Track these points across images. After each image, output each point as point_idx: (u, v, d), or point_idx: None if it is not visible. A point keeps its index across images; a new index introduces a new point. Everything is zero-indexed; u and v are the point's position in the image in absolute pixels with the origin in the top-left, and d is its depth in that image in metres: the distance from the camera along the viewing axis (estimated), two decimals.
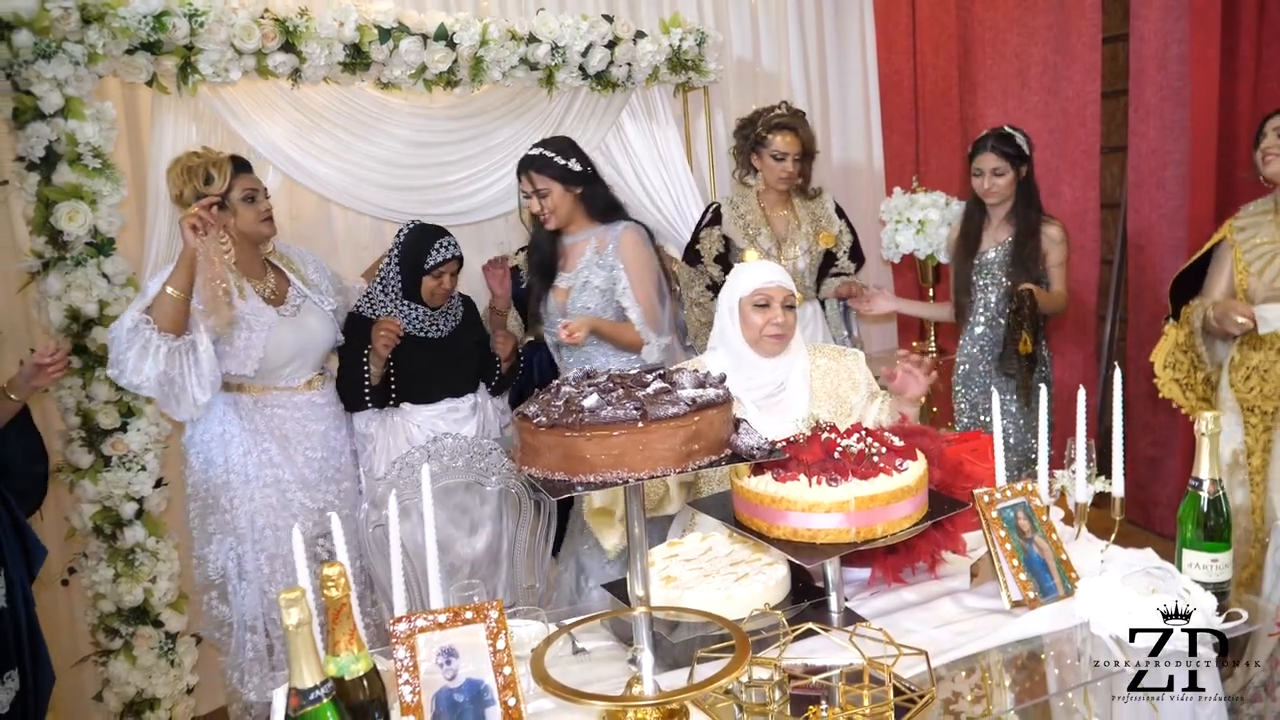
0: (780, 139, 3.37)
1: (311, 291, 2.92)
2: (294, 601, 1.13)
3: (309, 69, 2.94)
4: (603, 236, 3.02)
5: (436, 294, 2.95)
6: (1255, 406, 2.86)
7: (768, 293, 2.23)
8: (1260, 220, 2.87)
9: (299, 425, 2.85)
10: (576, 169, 2.98)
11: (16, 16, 2.50)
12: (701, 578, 1.73)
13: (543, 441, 1.37)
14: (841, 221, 3.56)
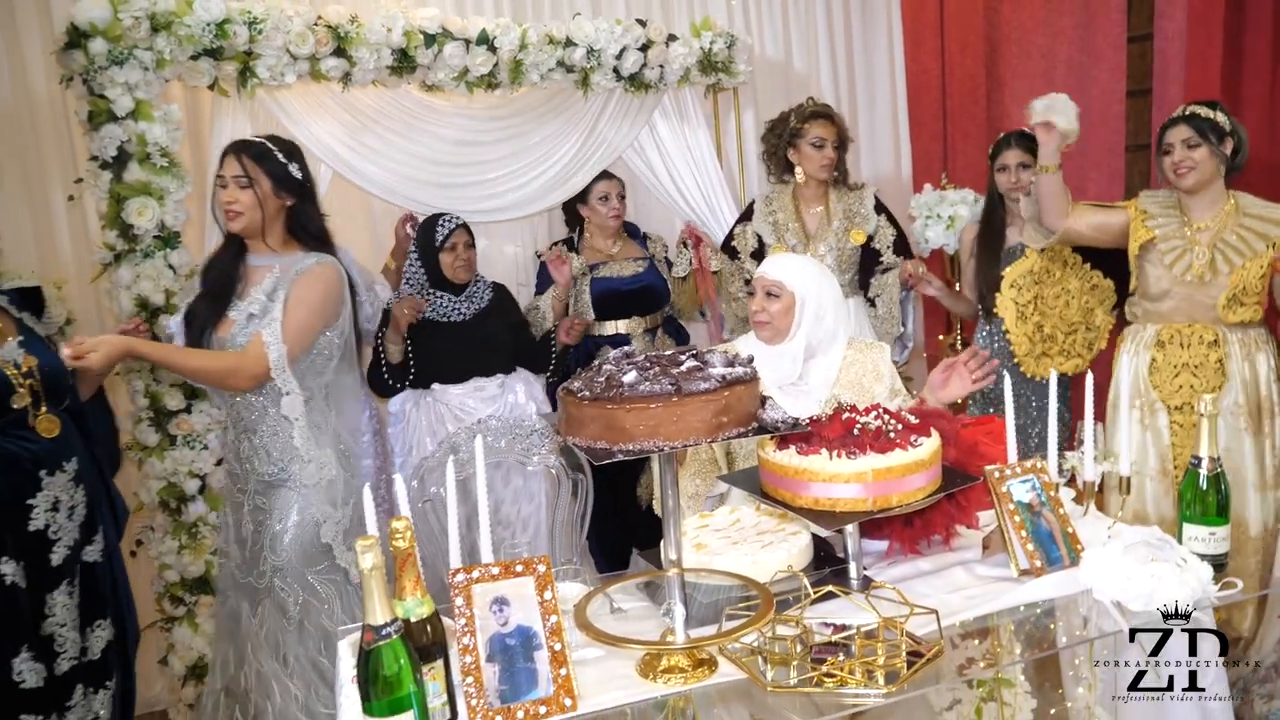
0: (817, 126, 3.47)
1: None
2: (369, 548, 1.28)
3: (359, 72, 3.11)
4: (289, 266, 2.44)
5: (456, 268, 3.16)
6: (1186, 404, 2.97)
7: (759, 281, 2.41)
8: (1170, 217, 3.00)
9: None
10: (297, 175, 2.50)
11: (92, 26, 2.68)
12: (730, 545, 1.86)
13: (586, 413, 1.51)
14: (881, 216, 3.61)
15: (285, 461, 2.47)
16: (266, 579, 2.50)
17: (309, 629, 2.50)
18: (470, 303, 3.20)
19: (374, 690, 1.30)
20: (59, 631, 2.49)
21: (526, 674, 1.46)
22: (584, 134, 3.63)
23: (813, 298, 2.40)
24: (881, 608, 1.60)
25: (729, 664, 1.57)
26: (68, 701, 2.54)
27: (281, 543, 2.48)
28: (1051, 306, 3.35)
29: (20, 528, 2.42)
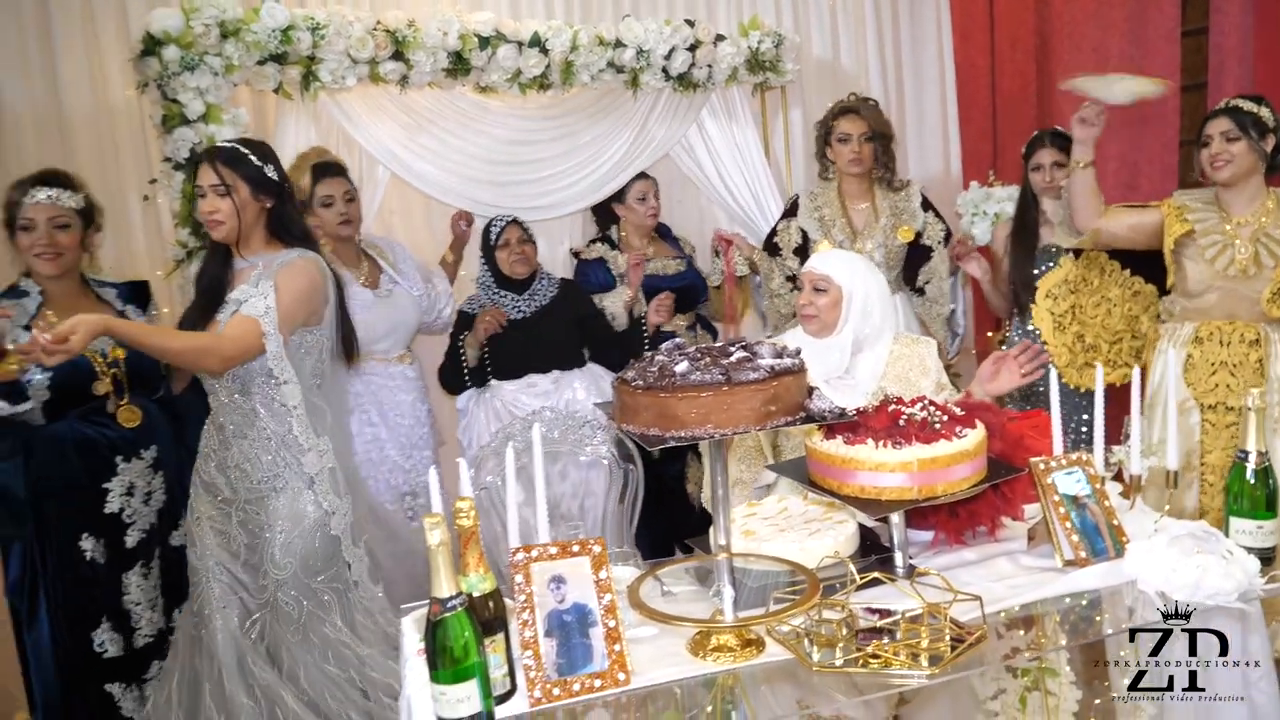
0: (845, 122, 3.50)
1: (400, 279, 3.26)
2: (436, 524, 1.36)
3: (416, 75, 3.21)
4: (271, 262, 2.41)
5: (513, 263, 3.25)
6: (1220, 403, 2.94)
7: (808, 275, 2.45)
8: (1209, 212, 2.96)
9: (391, 394, 3.21)
10: (273, 176, 2.45)
11: (166, 34, 2.81)
12: (778, 532, 1.91)
13: (640, 402, 1.57)
14: (929, 214, 3.62)
15: (279, 466, 2.40)
16: (268, 591, 2.42)
17: (313, 639, 2.44)
18: (532, 301, 3.29)
19: (441, 659, 1.38)
20: (135, 610, 2.64)
21: (582, 649, 1.53)
22: (633, 133, 3.70)
23: (860, 293, 2.43)
24: (926, 594, 1.64)
25: (776, 645, 1.62)
26: (144, 674, 2.68)
27: (284, 552, 2.41)
28: (1092, 316, 3.33)
29: (97, 508, 2.57)
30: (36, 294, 2.56)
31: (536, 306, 3.32)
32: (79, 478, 2.56)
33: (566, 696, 1.50)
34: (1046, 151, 3.36)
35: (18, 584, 2.55)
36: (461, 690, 1.39)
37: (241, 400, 2.38)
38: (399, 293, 3.23)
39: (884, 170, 3.60)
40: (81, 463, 2.56)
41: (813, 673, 1.55)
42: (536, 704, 1.49)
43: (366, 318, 3.05)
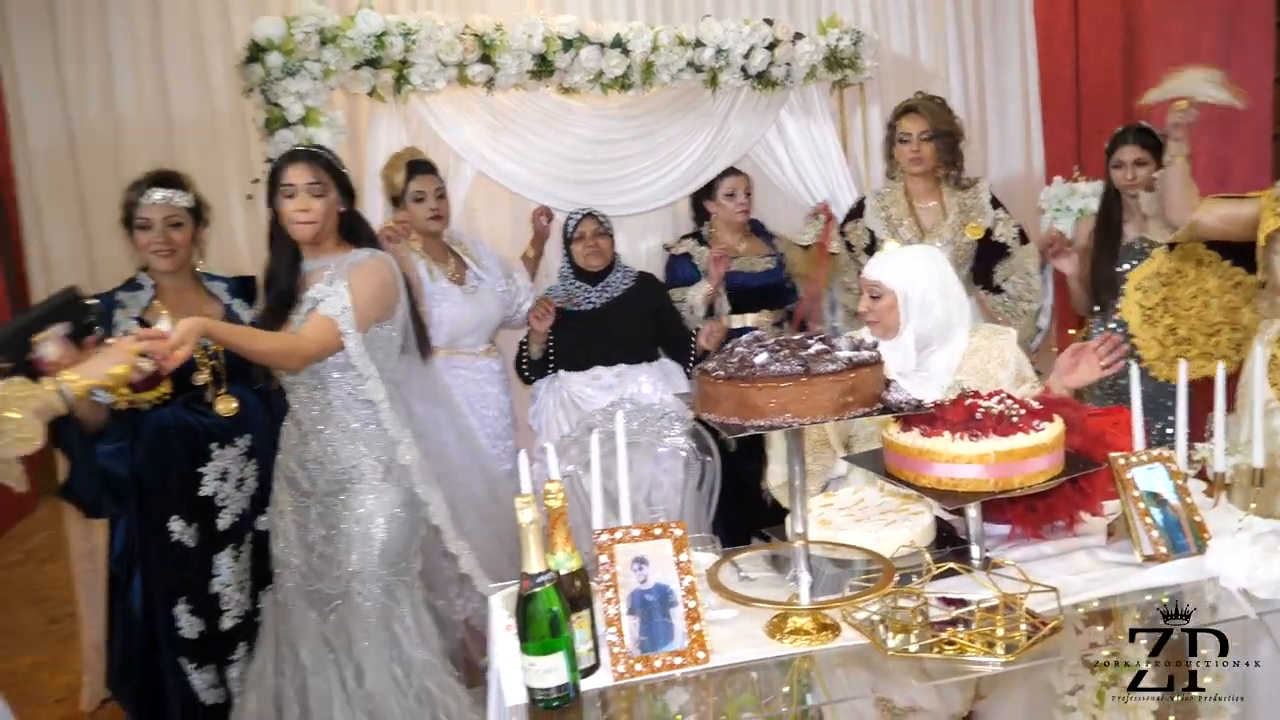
0: (905, 121, 3.51)
1: (484, 274, 3.37)
2: (527, 503, 1.45)
3: (502, 77, 3.32)
4: (343, 263, 2.47)
5: (587, 256, 3.35)
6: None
7: (862, 282, 2.47)
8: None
9: (478, 387, 3.33)
10: (349, 180, 2.56)
11: (269, 41, 2.97)
12: (854, 523, 1.95)
13: (720, 392, 1.63)
14: (998, 211, 3.61)
15: (358, 459, 2.48)
16: (342, 584, 2.49)
17: (384, 634, 2.51)
18: (604, 293, 3.38)
19: (530, 632, 1.47)
20: (224, 591, 2.78)
21: (664, 628, 1.60)
22: (712, 131, 3.76)
23: (916, 291, 2.40)
24: (1002, 585, 1.67)
25: (851, 630, 1.67)
26: (231, 655, 2.82)
27: (361, 544, 2.48)
28: (1186, 308, 3.27)
29: (192, 492, 2.73)
30: (150, 288, 2.72)
31: (608, 298, 3.40)
32: (178, 462, 2.71)
33: (648, 672, 1.57)
34: (1129, 149, 3.31)
35: (121, 554, 2.72)
36: (549, 661, 1.47)
37: (319, 395, 2.48)
38: (484, 288, 3.35)
39: (950, 168, 3.57)
40: (181, 448, 2.71)
41: (887, 658, 1.59)
42: (620, 678, 1.57)
43: (455, 313, 3.20)
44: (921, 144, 3.49)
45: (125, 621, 2.74)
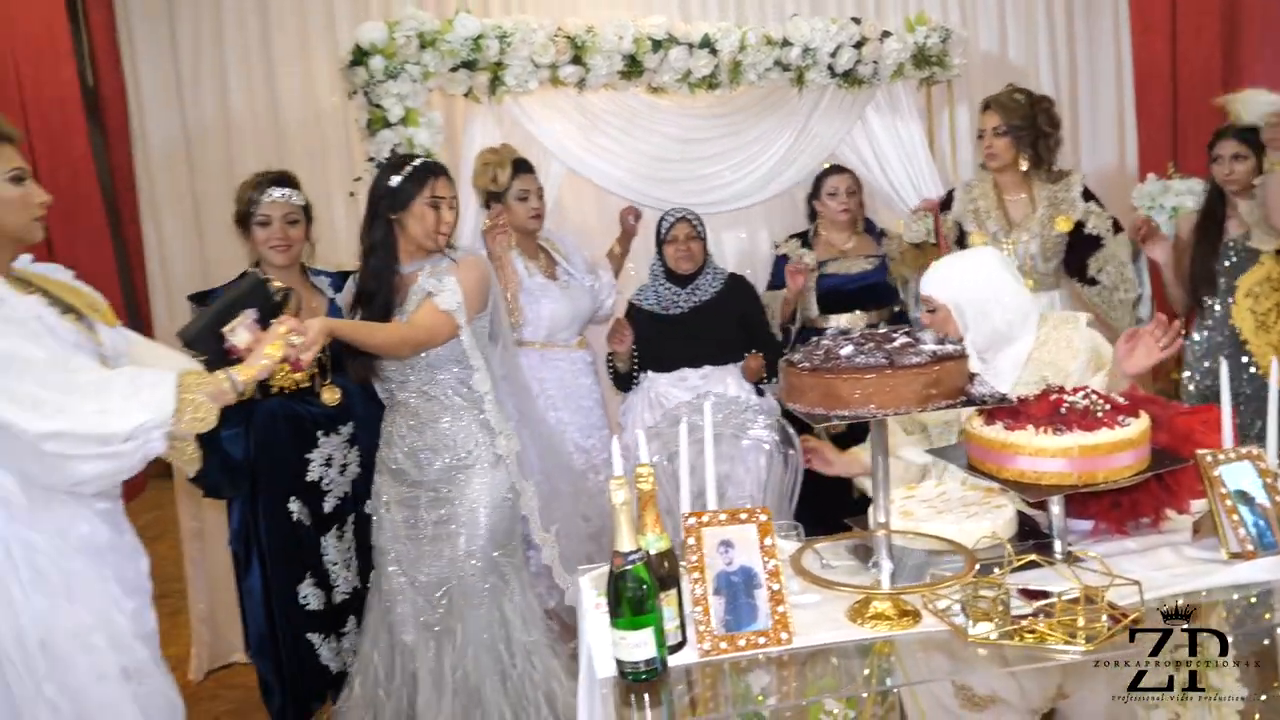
0: (982, 117, 3.50)
1: (573, 270, 3.48)
2: (620, 485, 1.53)
3: (592, 77, 3.41)
4: (439, 262, 2.61)
5: (678, 259, 3.39)
6: None
7: (921, 297, 2.47)
8: None
9: (573, 378, 3.44)
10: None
11: (373, 45, 3.11)
12: (936, 514, 1.98)
13: (806, 382, 1.69)
14: (1090, 203, 3.53)
15: (470, 445, 2.62)
16: (456, 566, 2.61)
17: (496, 615, 2.64)
18: (693, 296, 3.42)
19: (621, 608, 1.54)
20: (332, 569, 2.95)
21: (748, 608, 1.66)
22: (797, 129, 3.80)
23: (969, 301, 2.38)
24: (1083, 578, 1.68)
25: (931, 618, 1.71)
26: (342, 628, 2.99)
27: (471, 527, 2.61)
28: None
29: (301, 475, 2.89)
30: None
31: (697, 302, 3.44)
32: (287, 448, 2.87)
33: (733, 650, 1.64)
34: (1227, 143, 3.26)
35: (238, 534, 2.89)
36: (639, 636, 1.55)
37: (432, 388, 2.62)
38: (574, 283, 3.45)
39: (1037, 161, 3.51)
40: (290, 435, 2.88)
41: (967, 644, 1.63)
42: (705, 655, 1.64)
43: (554, 308, 3.32)
44: (994, 139, 3.46)
45: (249, 598, 2.92)
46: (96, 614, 1.95)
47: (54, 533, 1.92)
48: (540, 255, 3.46)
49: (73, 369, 1.86)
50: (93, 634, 1.94)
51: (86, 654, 1.93)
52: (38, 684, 1.90)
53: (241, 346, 2.13)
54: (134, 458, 1.87)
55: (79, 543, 1.95)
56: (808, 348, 1.77)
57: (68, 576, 1.93)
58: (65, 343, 1.92)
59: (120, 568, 2.02)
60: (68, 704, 1.91)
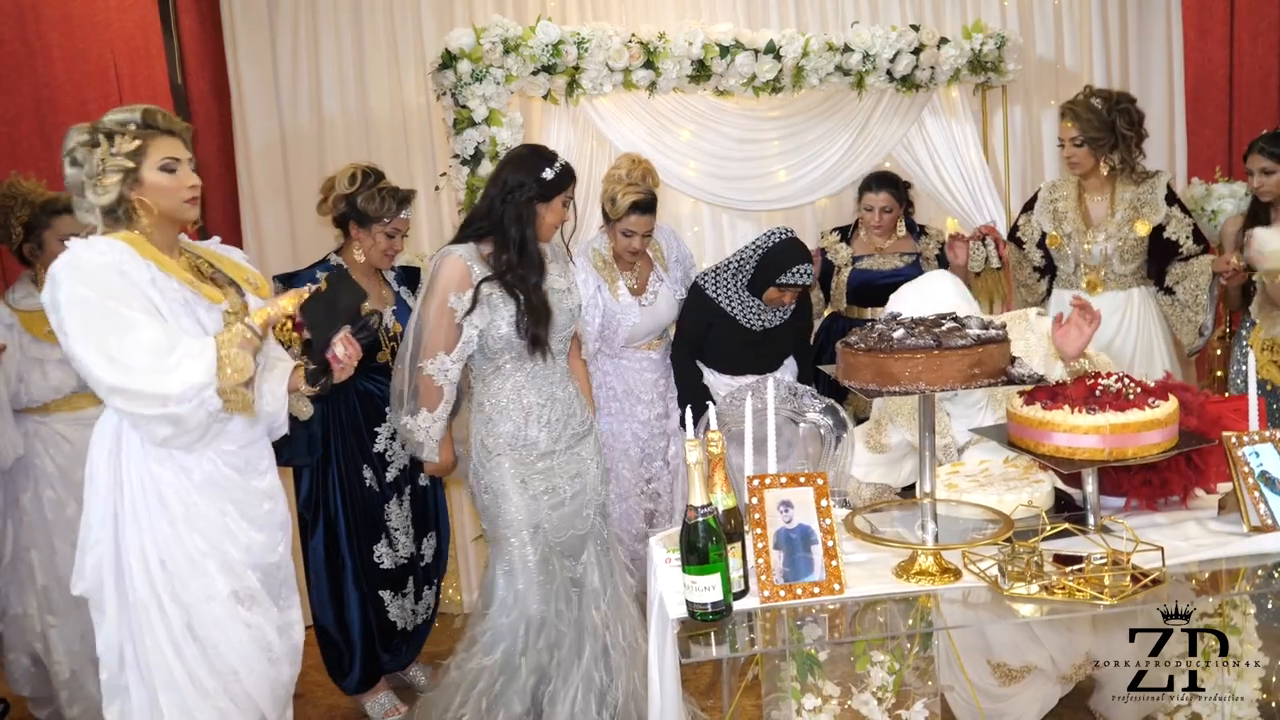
0: (1060, 125, 3.60)
1: (666, 278, 3.59)
2: (695, 447, 1.74)
3: (663, 81, 3.62)
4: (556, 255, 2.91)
5: (773, 302, 3.44)
6: None
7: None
8: None
9: (638, 375, 3.63)
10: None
11: (461, 50, 3.36)
12: (978, 487, 2.17)
13: (860, 361, 1.88)
14: (1174, 207, 3.58)
15: (585, 411, 2.89)
16: (592, 520, 2.86)
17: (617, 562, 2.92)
18: (776, 315, 3.52)
19: (692, 555, 1.76)
20: (395, 534, 3.23)
21: (805, 562, 1.87)
22: (855, 132, 3.97)
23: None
24: (1112, 545, 1.86)
25: (971, 577, 1.89)
26: (404, 589, 3.26)
27: (598, 484, 2.88)
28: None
29: (369, 447, 3.18)
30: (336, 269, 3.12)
31: (777, 322, 3.53)
32: (359, 421, 3.16)
33: (790, 598, 1.84)
34: (1255, 158, 3.39)
35: (306, 500, 3.15)
36: (708, 580, 1.76)
37: (564, 362, 2.87)
38: (663, 295, 3.55)
39: (1121, 164, 3.56)
40: (361, 410, 3.16)
41: (1003, 597, 1.81)
42: (766, 601, 1.84)
43: (633, 324, 3.49)
44: (1073, 149, 3.55)
45: (313, 559, 3.17)
46: (211, 542, 2.20)
47: (178, 470, 2.18)
48: (636, 266, 3.54)
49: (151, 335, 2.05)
50: (206, 559, 2.19)
51: (198, 576, 2.18)
52: (156, 595, 2.16)
53: (339, 357, 2.33)
54: (197, 415, 2.08)
55: (202, 479, 2.20)
56: (862, 331, 1.96)
57: (188, 507, 2.18)
58: (175, 303, 2.14)
59: (244, 504, 2.26)
60: (179, 615, 2.17)
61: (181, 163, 2.20)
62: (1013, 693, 2.63)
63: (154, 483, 2.17)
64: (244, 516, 2.26)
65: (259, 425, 2.31)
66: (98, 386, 2.07)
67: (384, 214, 3.05)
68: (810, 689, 1.88)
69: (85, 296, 2.03)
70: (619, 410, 3.60)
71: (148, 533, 2.17)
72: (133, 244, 2.12)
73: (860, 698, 1.90)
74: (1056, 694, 2.68)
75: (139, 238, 2.16)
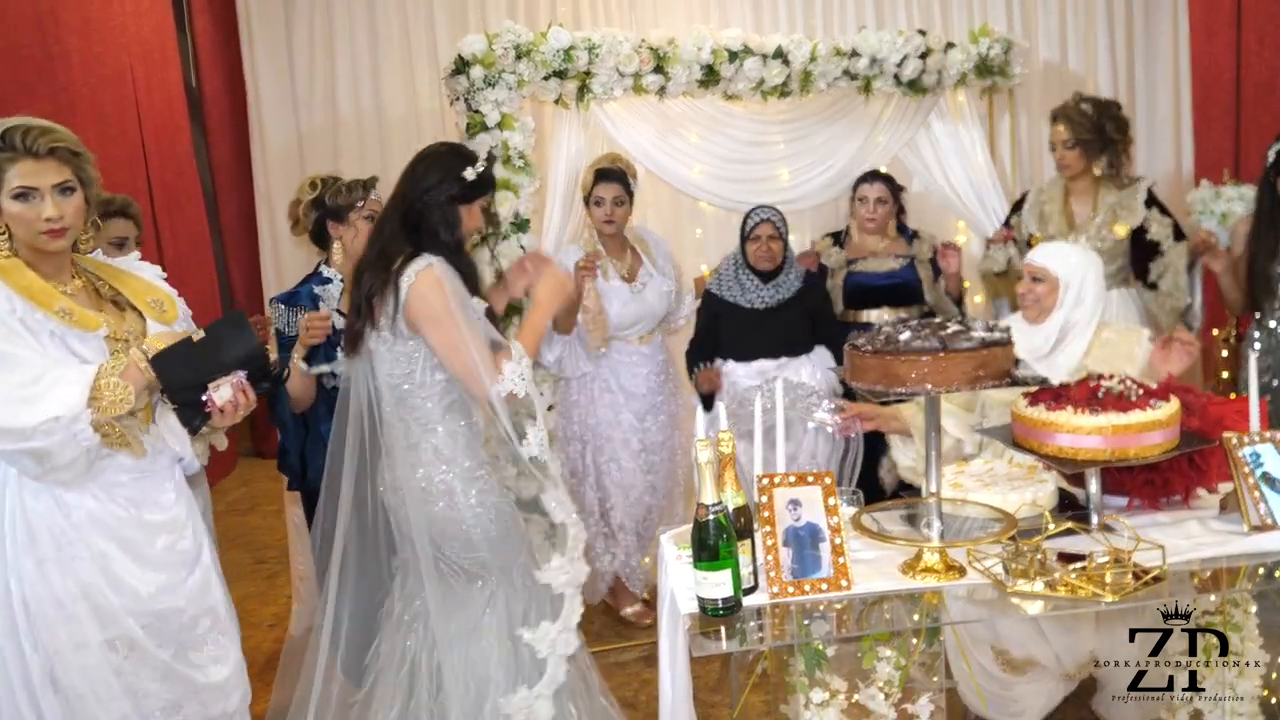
0: (1052, 129, 3.69)
1: (656, 272, 3.69)
2: (705, 447, 1.79)
3: (673, 86, 3.66)
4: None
5: (758, 257, 3.58)
6: None
7: (1027, 267, 2.74)
8: None
9: (629, 368, 3.70)
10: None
11: (474, 56, 3.41)
12: (983, 486, 2.21)
13: (868, 363, 1.93)
14: (1153, 209, 3.67)
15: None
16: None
17: None
18: (777, 291, 3.62)
19: (703, 552, 1.80)
20: None
21: (813, 559, 1.91)
22: (863, 135, 4.01)
23: (1075, 283, 2.70)
24: (1114, 543, 1.90)
25: (975, 574, 1.93)
26: None
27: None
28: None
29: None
30: (339, 281, 3.08)
31: (779, 298, 3.63)
32: None
33: (799, 594, 1.89)
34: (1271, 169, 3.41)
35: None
36: (719, 576, 1.81)
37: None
38: (651, 286, 3.66)
39: (1108, 168, 3.69)
40: None
41: (1007, 594, 1.86)
42: (775, 597, 1.89)
43: (620, 309, 3.57)
44: (1065, 152, 3.67)
45: None
46: (84, 587, 1.99)
47: (54, 505, 1.98)
48: (626, 255, 3.67)
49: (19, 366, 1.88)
50: (77, 604, 1.98)
51: (66, 622, 1.97)
52: (16, 639, 1.96)
53: (218, 402, 2.03)
54: (68, 450, 1.89)
55: (83, 518, 1.99)
56: (870, 334, 2.00)
57: (60, 548, 1.97)
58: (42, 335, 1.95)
59: (135, 544, 2.05)
60: (39, 662, 1.97)
61: (39, 191, 1.96)
62: (1017, 682, 2.66)
63: (24, 516, 1.97)
64: (133, 557, 2.04)
65: (161, 456, 2.10)
66: None
67: (355, 199, 3.04)
68: (818, 683, 1.92)
69: None
70: (612, 402, 3.68)
71: (12, 572, 1.96)
72: (0, 273, 1.95)
73: (867, 692, 1.94)
74: (1061, 691, 2.71)
75: (14, 264, 1.97)
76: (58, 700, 1.98)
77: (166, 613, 2.08)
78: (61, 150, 1.99)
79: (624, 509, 3.71)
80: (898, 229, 4.03)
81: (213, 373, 2.03)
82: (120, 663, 2.02)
